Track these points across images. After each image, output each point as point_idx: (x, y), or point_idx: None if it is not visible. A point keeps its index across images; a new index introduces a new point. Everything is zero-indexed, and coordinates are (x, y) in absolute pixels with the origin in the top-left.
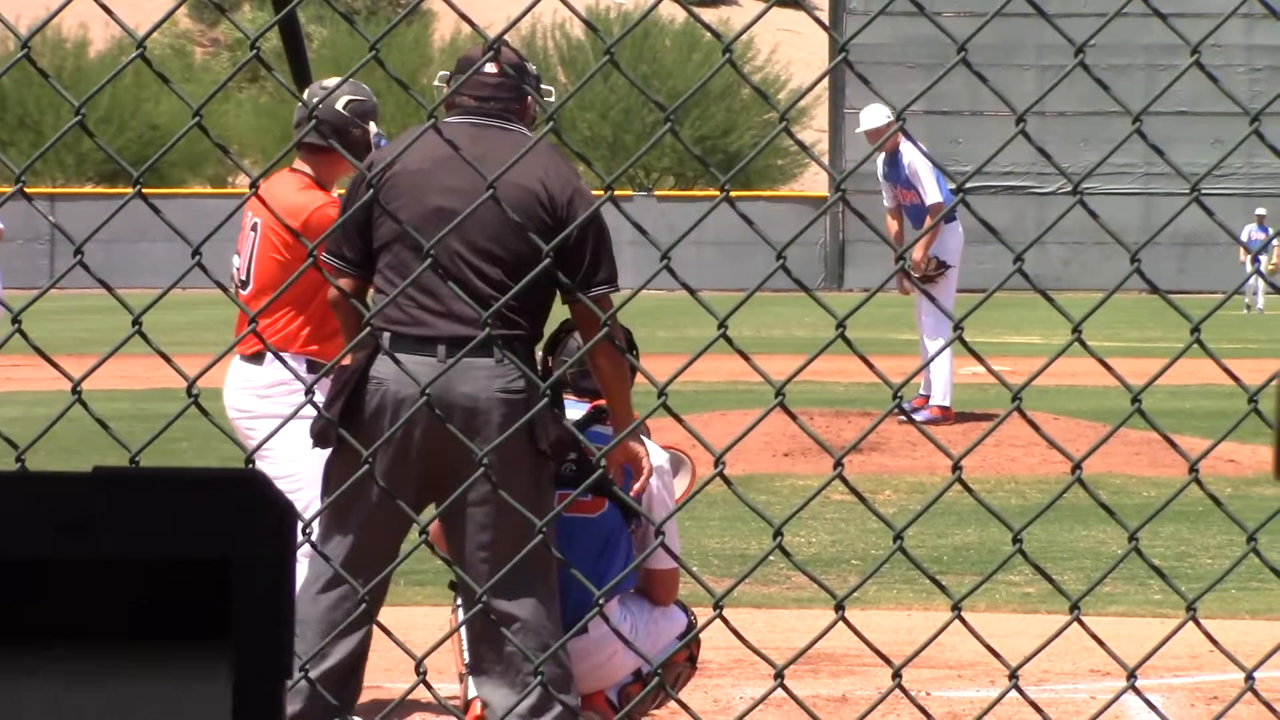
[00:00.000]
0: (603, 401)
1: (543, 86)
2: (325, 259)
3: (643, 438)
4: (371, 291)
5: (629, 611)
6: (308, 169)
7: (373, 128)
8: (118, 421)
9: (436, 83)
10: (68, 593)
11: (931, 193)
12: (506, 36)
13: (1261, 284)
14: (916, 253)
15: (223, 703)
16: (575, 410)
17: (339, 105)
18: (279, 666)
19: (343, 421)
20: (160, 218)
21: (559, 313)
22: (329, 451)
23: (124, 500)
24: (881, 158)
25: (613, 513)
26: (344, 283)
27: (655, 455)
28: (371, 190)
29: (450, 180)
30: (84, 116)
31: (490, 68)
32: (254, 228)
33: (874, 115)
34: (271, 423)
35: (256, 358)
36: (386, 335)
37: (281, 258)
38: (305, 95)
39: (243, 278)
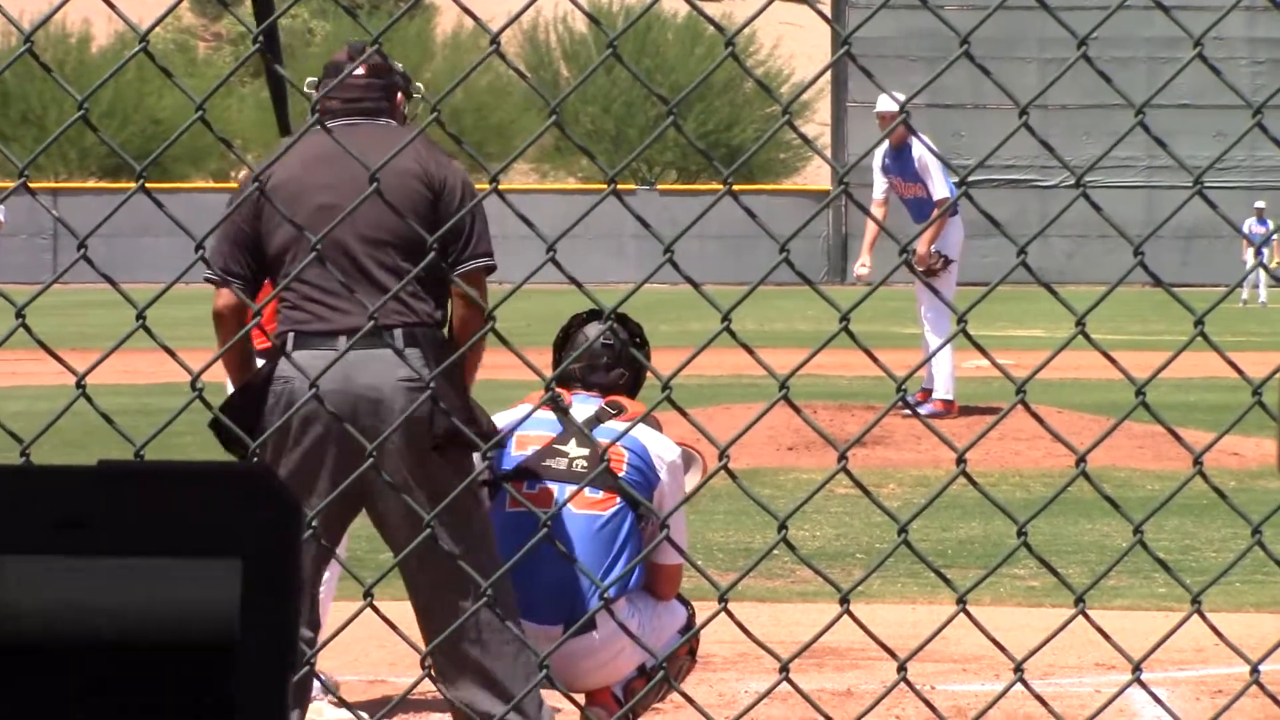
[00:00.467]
0: (614, 397)
1: (413, 84)
2: (208, 276)
3: (655, 431)
4: (273, 304)
5: (635, 608)
6: None
7: None
8: (121, 416)
9: (306, 89)
10: (69, 589)
11: (940, 188)
12: (506, 36)
13: (1264, 277)
14: (920, 247)
15: (227, 696)
16: (586, 406)
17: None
18: (285, 660)
19: (252, 422)
20: (163, 211)
21: (552, 307)
22: None
23: (129, 494)
24: (884, 149)
25: (623, 510)
26: (227, 296)
27: (668, 451)
28: (257, 202)
29: (328, 178)
30: (87, 111)
31: (359, 71)
32: None
33: (888, 100)
34: None
35: (261, 354)
36: (290, 335)
37: None
38: (304, 88)
39: None
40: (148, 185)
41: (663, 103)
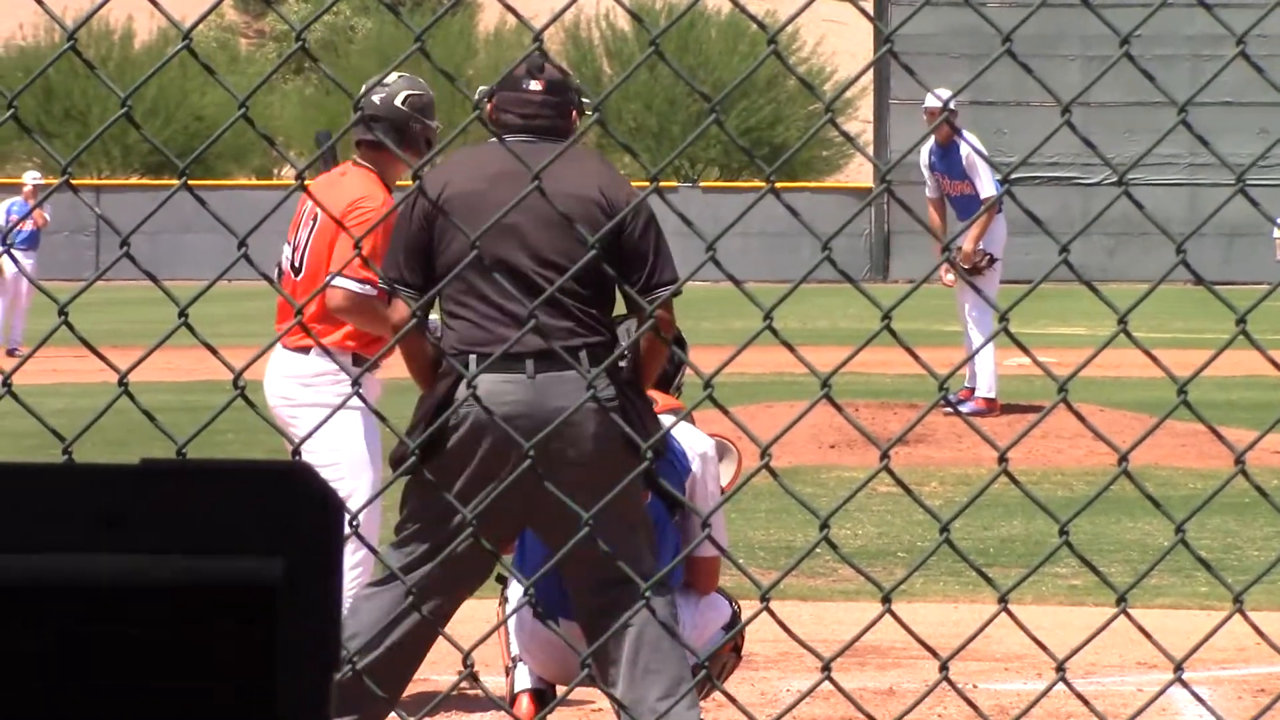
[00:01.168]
0: (649, 393)
1: (583, 100)
2: (383, 285)
3: (686, 423)
4: (438, 318)
5: (676, 605)
6: (370, 165)
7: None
8: (163, 414)
9: (477, 97)
10: (111, 586)
11: (987, 186)
12: (549, 33)
13: None
14: (966, 244)
15: (270, 694)
16: None
17: (398, 101)
18: (327, 659)
19: (427, 448)
20: (205, 209)
21: None
22: (378, 452)
23: (171, 492)
24: (929, 147)
25: (656, 505)
26: (403, 309)
27: (700, 442)
28: (430, 212)
29: (509, 195)
30: (130, 108)
31: (535, 84)
32: (315, 218)
33: (935, 97)
34: (313, 411)
35: (302, 349)
36: (473, 357)
37: (335, 251)
38: (362, 90)
39: (295, 264)
40: (190, 182)
41: (705, 100)
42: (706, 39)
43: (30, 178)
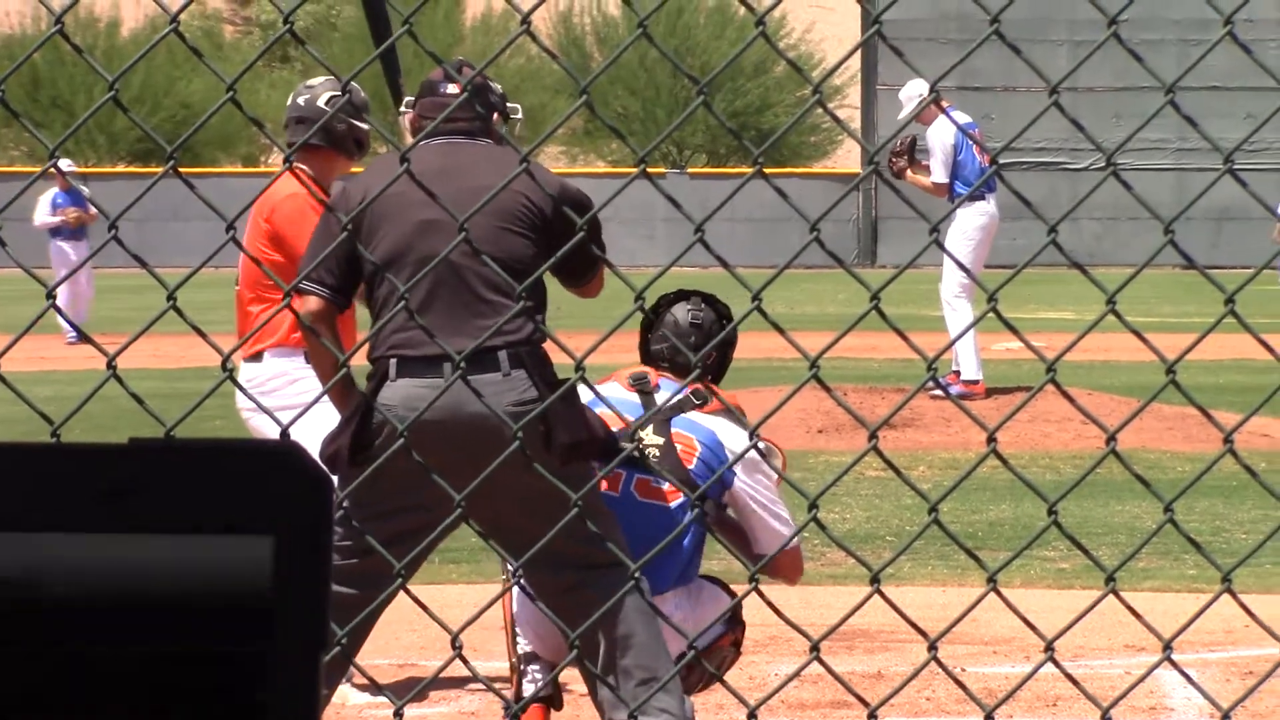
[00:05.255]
0: (699, 385)
1: (509, 104)
2: (303, 286)
3: (734, 424)
4: (368, 319)
5: (678, 601)
6: (306, 167)
7: None
8: (152, 400)
9: (403, 109)
10: (102, 565)
11: (936, 173)
12: (538, 19)
13: None
14: (913, 172)
15: (261, 672)
16: (671, 391)
17: (320, 101)
18: (317, 638)
19: (356, 448)
20: (194, 193)
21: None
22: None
23: (160, 471)
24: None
25: (688, 503)
26: (313, 303)
27: (741, 443)
28: (356, 218)
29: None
30: (118, 92)
31: (452, 89)
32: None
33: (908, 87)
34: (280, 415)
35: (255, 357)
36: (393, 361)
37: (263, 254)
38: (291, 95)
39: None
40: (177, 169)
41: (693, 81)
42: (695, 25)
43: (65, 165)
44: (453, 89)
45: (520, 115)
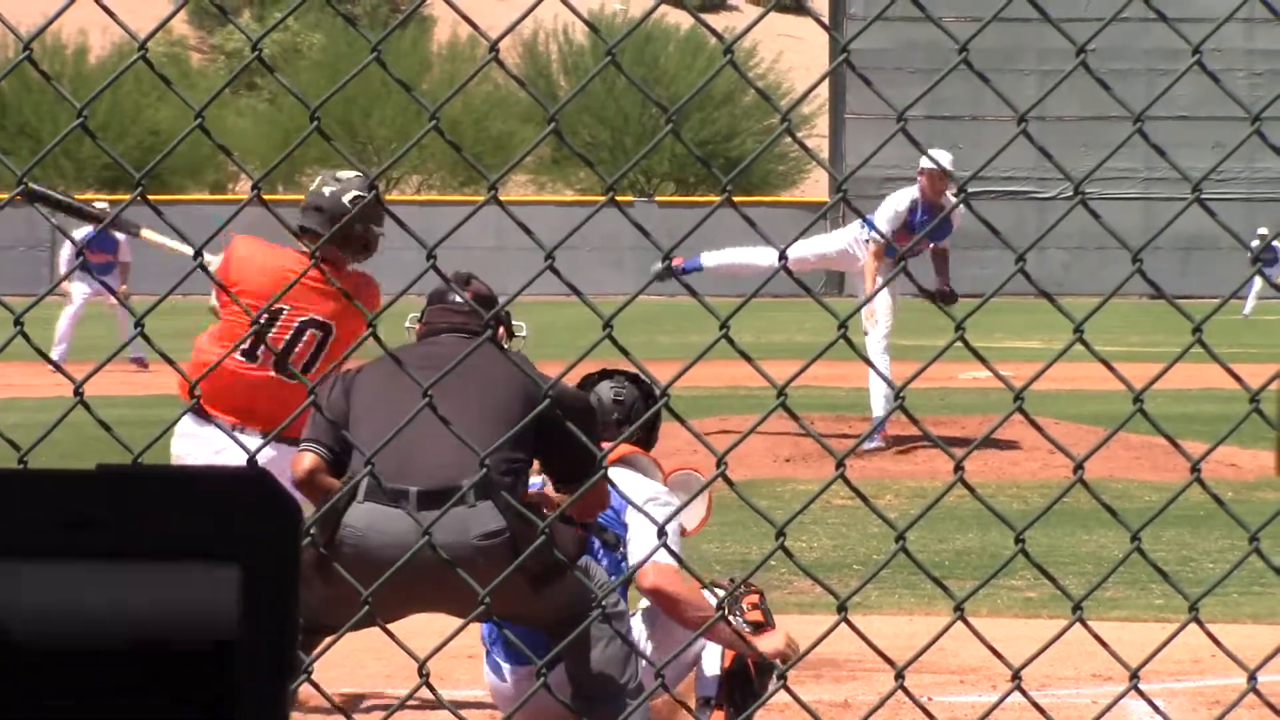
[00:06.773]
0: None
1: (514, 322)
2: (304, 446)
3: (646, 478)
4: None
5: (639, 626)
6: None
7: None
8: (120, 427)
9: (408, 324)
10: (69, 594)
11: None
12: (504, 47)
13: (1257, 286)
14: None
15: (229, 702)
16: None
17: (346, 198)
18: (285, 666)
19: (326, 554)
20: (162, 219)
21: None
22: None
23: (128, 498)
24: (909, 205)
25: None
26: (311, 461)
27: (643, 490)
28: (350, 390)
29: (430, 375)
30: (86, 118)
31: (459, 298)
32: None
33: (940, 156)
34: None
35: (203, 418)
36: (364, 483)
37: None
38: (317, 181)
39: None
40: (145, 196)
41: (662, 110)
42: (664, 54)
43: (101, 205)
44: (460, 298)
45: (525, 334)
